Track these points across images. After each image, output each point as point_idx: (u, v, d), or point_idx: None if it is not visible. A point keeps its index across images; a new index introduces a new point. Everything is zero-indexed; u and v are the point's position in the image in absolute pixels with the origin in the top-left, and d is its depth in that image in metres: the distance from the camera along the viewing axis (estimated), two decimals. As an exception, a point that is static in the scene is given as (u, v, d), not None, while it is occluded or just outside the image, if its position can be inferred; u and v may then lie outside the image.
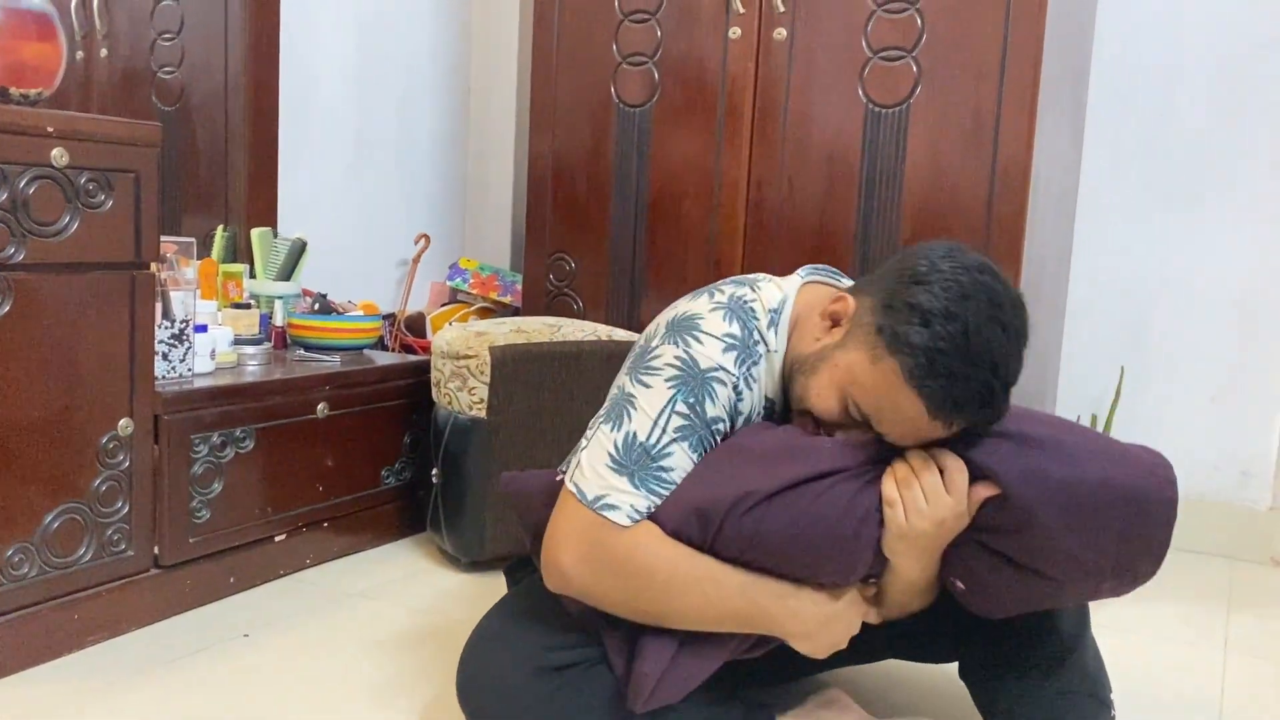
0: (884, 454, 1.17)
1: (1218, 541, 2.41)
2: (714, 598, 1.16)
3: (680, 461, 1.18)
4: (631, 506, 1.16)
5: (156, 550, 1.69)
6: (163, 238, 1.74)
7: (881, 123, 2.07)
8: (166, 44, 2.50)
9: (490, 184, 2.99)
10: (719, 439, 1.21)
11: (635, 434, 1.18)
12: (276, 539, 1.91)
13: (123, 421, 1.60)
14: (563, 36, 2.39)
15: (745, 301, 1.24)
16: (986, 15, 1.97)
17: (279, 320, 2.20)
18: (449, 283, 2.76)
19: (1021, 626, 1.26)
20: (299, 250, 2.28)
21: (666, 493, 1.17)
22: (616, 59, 2.32)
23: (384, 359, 2.21)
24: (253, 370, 1.94)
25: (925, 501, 1.12)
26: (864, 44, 2.07)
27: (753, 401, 1.24)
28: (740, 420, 1.24)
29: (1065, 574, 1.13)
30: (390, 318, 2.55)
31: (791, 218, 2.16)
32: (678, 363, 1.19)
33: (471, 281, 2.74)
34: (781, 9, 2.12)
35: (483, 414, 1.94)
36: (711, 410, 1.19)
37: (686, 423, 1.18)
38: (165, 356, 1.75)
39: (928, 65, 2.02)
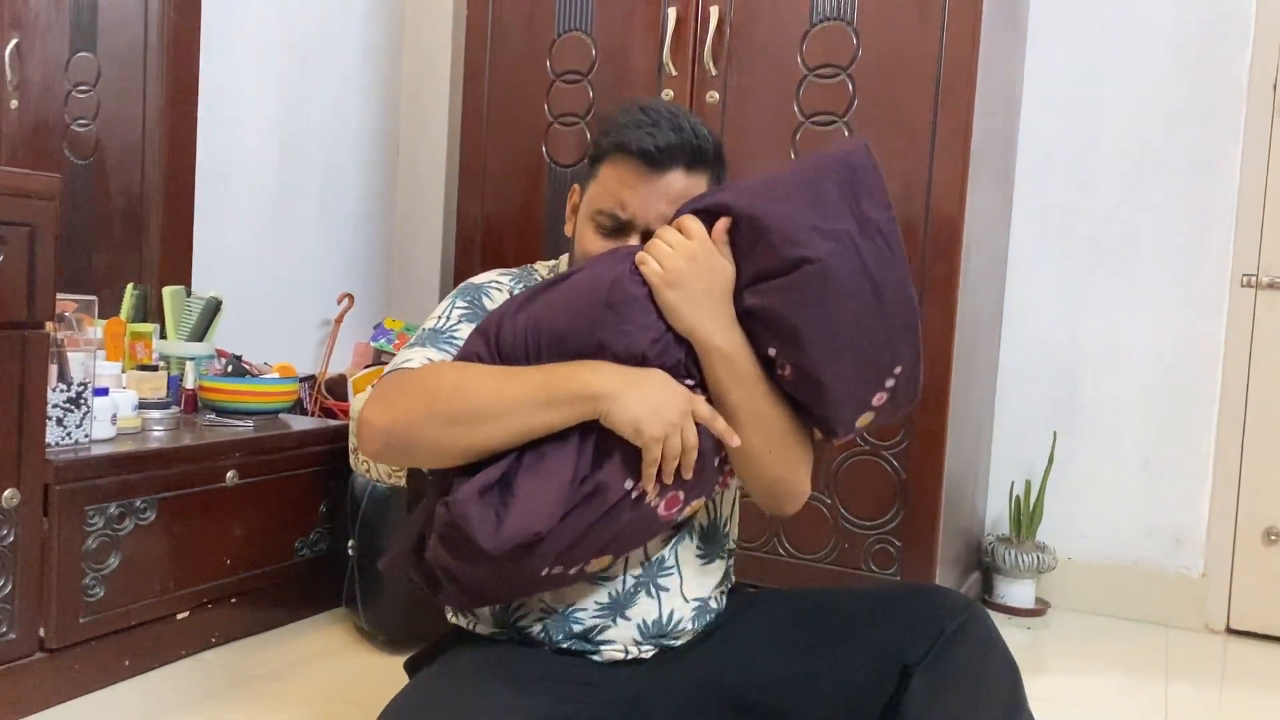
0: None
1: (1152, 609, 2.40)
2: (509, 382, 1.16)
3: (466, 331, 1.27)
4: (425, 359, 1.24)
5: (43, 632, 1.56)
6: (61, 296, 1.64)
7: (814, 186, 2.05)
8: (81, 96, 2.41)
9: (418, 242, 2.92)
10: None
11: (425, 327, 1.29)
12: (178, 617, 1.79)
13: (8, 492, 1.48)
14: (493, 95, 2.35)
15: (530, 265, 1.40)
16: (917, 82, 1.98)
17: (190, 383, 2.09)
18: (373, 343, 2.67)
19: (956, 695, 1.21)
20: (213, 309, 2.18)
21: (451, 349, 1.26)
22: (548, 119, 2.29)
23: (300, 424, 2.11)
24: (158, 436, 1.84)
25: (670, 246, 1.17)
26: (796, 108, 2.07)
27: None
28: None
29: (820, 250, 1.12)
30: (310, 380, 2.45)
31: (724, 280, 2.13)
32: (456, 290, 1.34)
33: (396, 342, 2.65)
34: (714, 73, 2.11)
35: (402, 482, 1.85)
36: (490, 305, 1.30)
37: (468, 309, 1.30)
38: (59, 422, 1.64)
39: (859, 129, 2.02)
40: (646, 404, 1.14)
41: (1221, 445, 2.36)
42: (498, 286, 1.34)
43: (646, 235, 1.21)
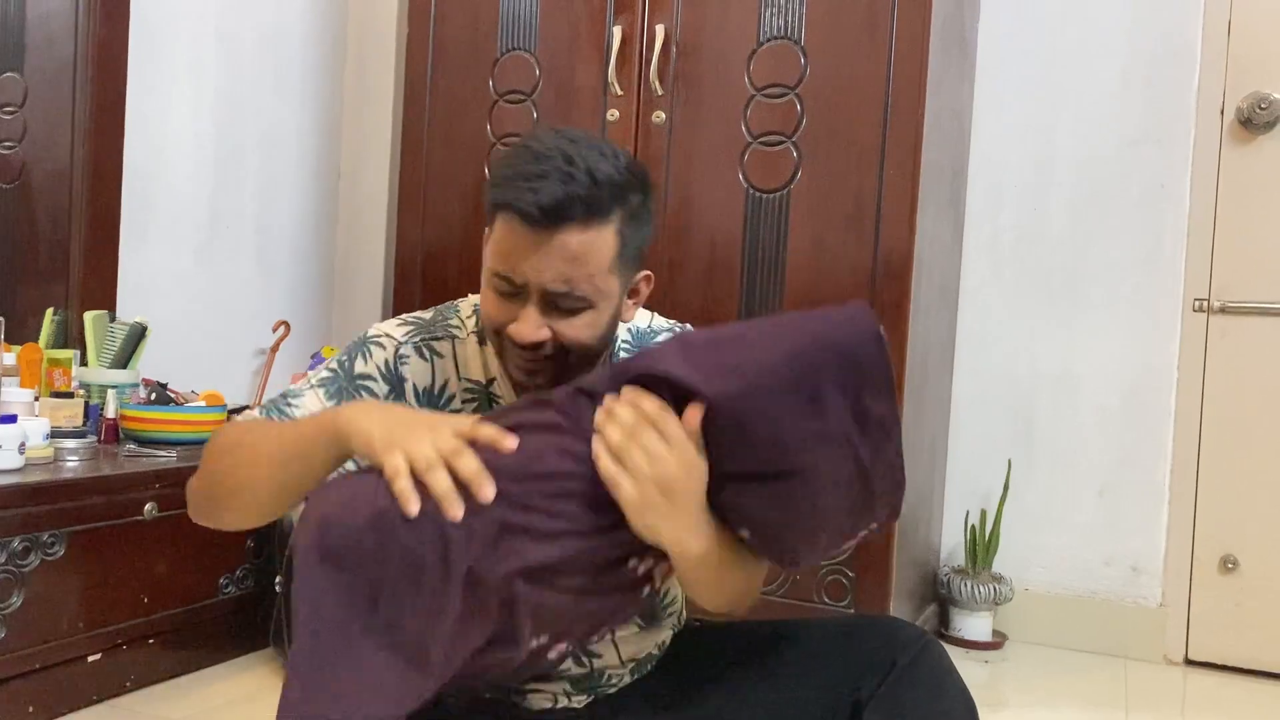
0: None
1: (1110, 640, 2.35)
2: (287, 428, 1.10)
3: (310, 403, 1.17)
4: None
5: None
6: (-34, 316, 1.55)
7: (762, 207, 2.01)
8: (7, 117, 2.33)
9: (360, 269, 2.84)
10: (373, 395, 1.19)
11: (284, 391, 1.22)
12: (89, 659, 1.67)
13: (-103, 525, 1.38)
14: (434, 116, 2.29)
15: (454, 303, 1.30)
16: (866, 102, 1.95)
17: (110, 411, 1.98)
18: (310, 373, 2.58)
19: None
20: (138, 335, 2.08)
21: (286, 409, 1.18)
22: (490, 140, 2.23)
23: (229, 454, 2.01)
24: (71, 466, 1.73)
25: (648, 464, 0.99)
26: (744, 128, 2.03)
27: (434, 373, 1.22)
28: (413, 390, 1.21)
29: (814, 458, 0.99)
30: (242, 410, 2.35)
31: (673, 302, 2.07)
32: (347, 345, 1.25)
33: (336, 372, 2.56)
34: (660, 92, 2.07)
35: (333, 514, 1.76)
36: (361, 367, 1.20)
37: (330, 375, 1.20)
38: (-40, 450, 1.54)
39: (808, 150, 1.99)
40: (391, 416, 1.05)
41: (1177, 472, 2.33)
42: (381, 345, 1.22)
43: (544, 296, 1.09)
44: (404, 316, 1.26)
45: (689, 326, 1.31)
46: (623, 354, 1.26)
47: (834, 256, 1.97)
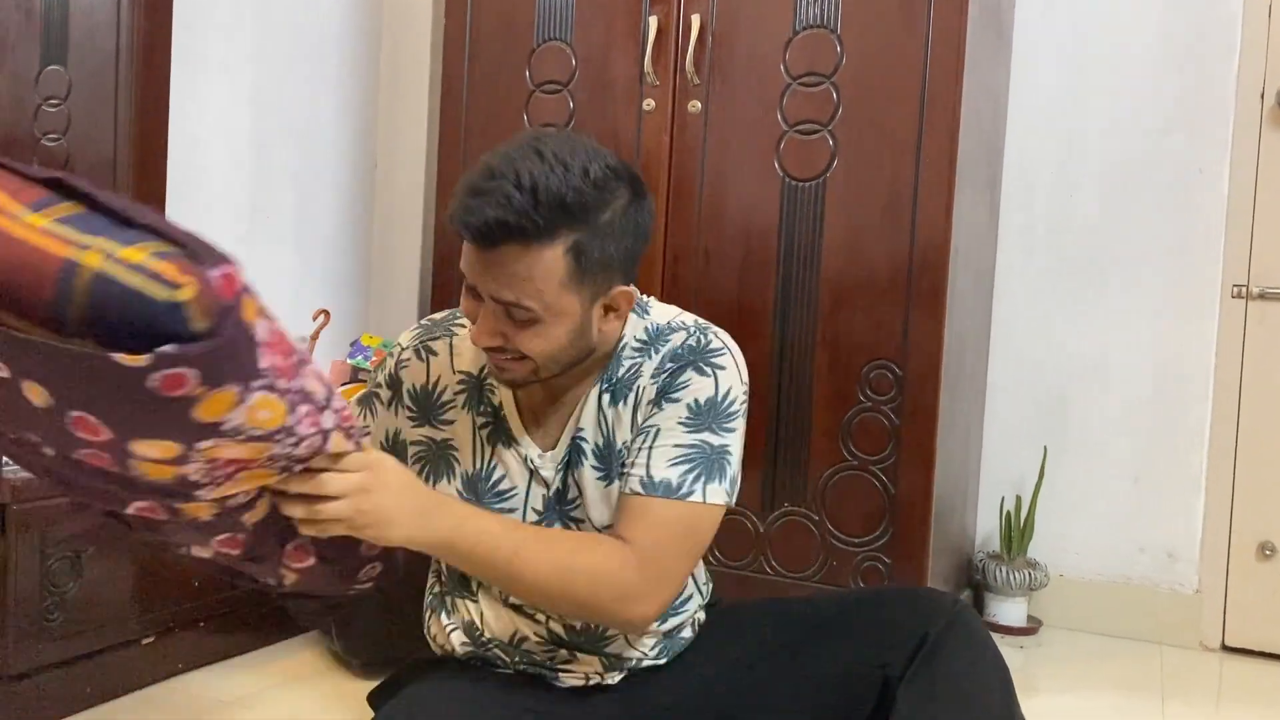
0: None
1: (1145, 626, 2.36)
2: None
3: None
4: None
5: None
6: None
7: (798, 196, 2.02)
8: (51, 110, 2.36)
9: (396, 259, 2.87)
10: (384, 404, 1.34)
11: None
12: (143, 642, 1.72)
13: (-38, 512, 1.42)
14: (471, 107, 2.31)
15: None
16: (902, 91, 1.95)
17: (158, 400, 2.03)
18: (350, 360, 2.61)
19: (944, 708, 1.17)
20: (184, 325, 2.12)
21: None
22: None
23: (274, 442, 2.05)
24: (123, 454, 1.77)
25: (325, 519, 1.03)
26: (779, 117, 2.03)
27: (428, 372, 1.32)
28: (409, 390, 1.32)
29: None
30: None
31: (709, 291, 2.09)
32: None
33: (374, 359, 2.60)
34: (696, 81, 2.08)
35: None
36: (379, 378, 1.36)
37: (367, 391, 1.37)
38: (18, 439, 1.58)
39: (844, 139, 1.99)
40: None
41: (1214, 459, 2.32)
42: (391, 354, 1.36)
43: (497, 305, 1.12)
44: (424, 320, 1.38)
45: (718, 330, 1.28)
46: (633, 355, 1.26)
47: (870, 245, 1.97)
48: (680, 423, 1.20)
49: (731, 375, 1.23)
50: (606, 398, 1.24)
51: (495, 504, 1.28)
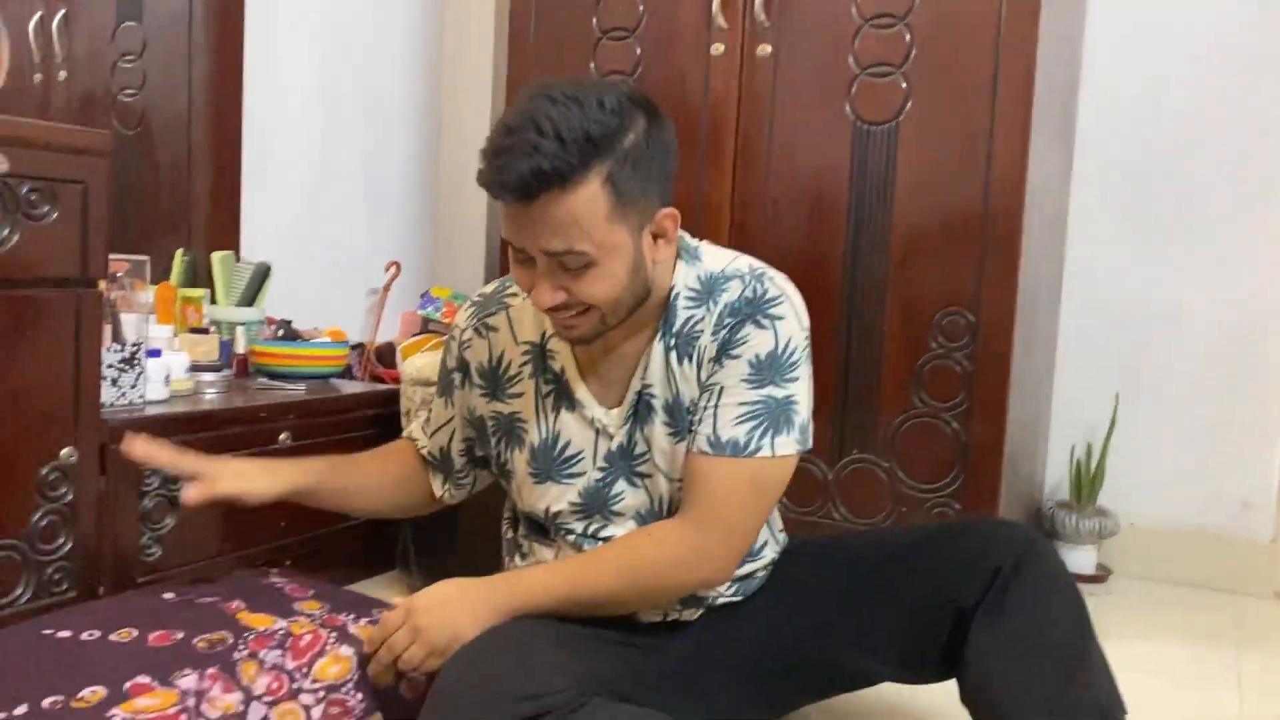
0: None
1: (1218, 575, 2.33)
2: None
3: (435, 406, 1.45)
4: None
5: (101, 591, 1.56)
6: (113, 255, 1.64)
7: (870, 141, 2.00)
8: (128, 66, 2.41)
9: (463, 210, 2.90)
10: (459, 386, 1.40)
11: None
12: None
13: (65, 450, 1.48)
14: (538, 56, 2.31)
15: None
16: (977, 31, 1.91)
17: (240, 347, 2.08)
18: (420, 312, 2.65)
19: (1018, 640, 1.18)
20: (262, 275, 2.17)
21: (428, 429, 1.46)
22: (594, 78, 2.25)
23: (351, 387, 2.10)
24: (210, 398, 1.83)
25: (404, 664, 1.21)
26: (851, 60, 2.01)
27: (490, 349, 1.36)
28: (477, 369, 1.38)
29: None
30: (359, 348, 2.44)
31: (777, 240, 2.08)
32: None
33: (444, 310, 2.64)
34: (766, 25, 2.06)
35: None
36: (449, 363, 1.41)
37: (441, 373, 1.44)
38: (114, 382, 1.64)
39: (917, 82, 1.96)
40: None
41: (1293, 407, 2.28)
42: (452, 337, 1.42)
43: (549, 260, 1.13)
44: (473, 297, 1.42)
45: (774, 273, 1.27)
46: (688, 304, 1.26)
47: (944, 190, 1.95)
48: (743, 380, 1.21)
49: (790, 324, 1.23)
50: (673, 355, 1.25)
51: (564, 471, 1.30)
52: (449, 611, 1.19)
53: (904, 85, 1.97)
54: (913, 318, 1.99)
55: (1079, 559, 2.32)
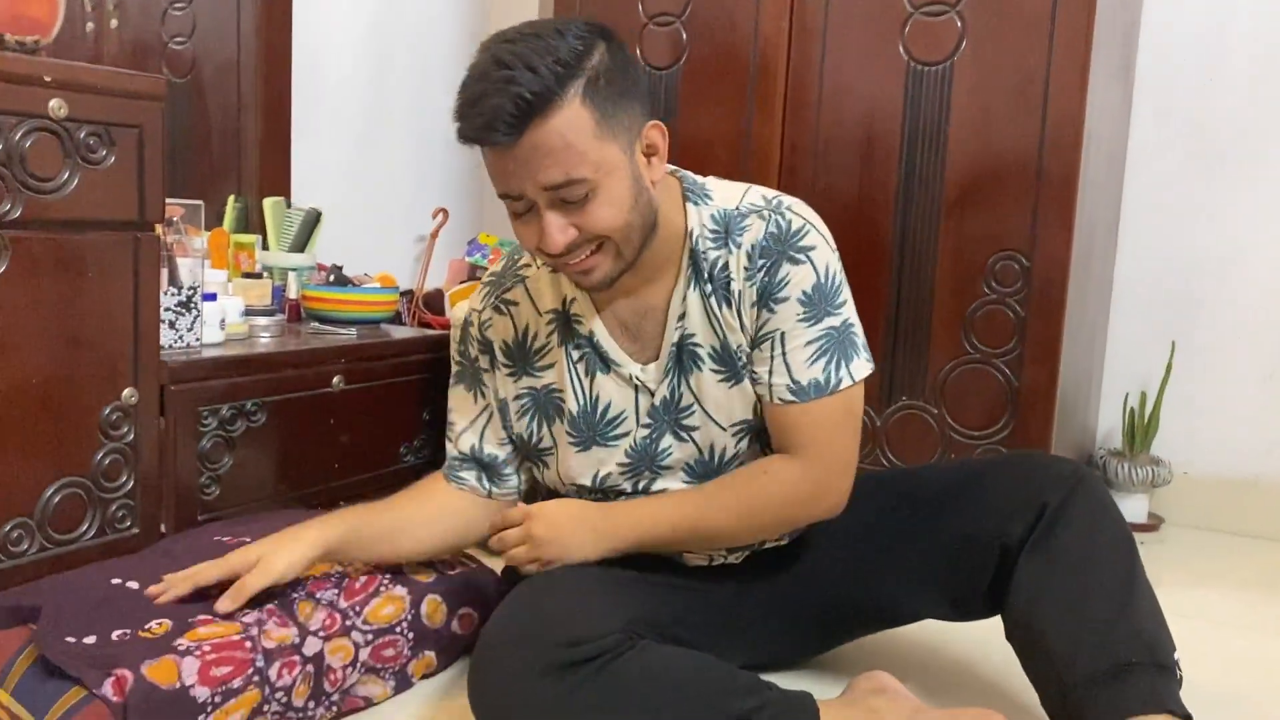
0: None
1: (1274, 525, 2.30)
2: None
3: (457, 402, 1.42)
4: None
5: (163, 528, 1.60)
6: (168, 200, 1.65)
7: (924, 81, 1.97)
8: (178, 14, 2.41)
9: (510, 157, 2.89)
10: (488, 370, 1.38)
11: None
12: (289, 518, 1.82)
13: (127, 391, 1.51)
14: (585, 2, 2.29)
15: None
16: (1036, -34, 1.86)
17: (292, 292, 2.11)
18: (467, 259, 2.66)
19: (1064, 577, 1.17)
20: (313, 221, 2.19)
21: (455, 435, 1.43)
22: (642, 19, 2.22)
23: (402, 333, 2.12)
24: (265, 341, 1.86)
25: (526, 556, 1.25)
26: (905, -1, 1.97)
27: (514, 325, 1.35)
28: (502, 348, 1.36)
29: None
30: (408, 294, 2.46)
31: (828, 183, 2.06)
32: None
33: (491, 257, 2.64)
34: (817, -37, 2.02)
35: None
36: (471, 351, 1.39)
37: (457, 368, 1.42)
38: (172, 325, 1.66)
39: (973, 20, 1.92)
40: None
41: (1356, 355, 2.23)
42: (470, 321, 1.39)
43: (550, 199, 1.12)
44: (485, 279, 1.40)
45: (789, 201, 1.24)
46: (710, 246, 1.23)
47: (999, 132, 1.91)
48: (799, 320, 1.21)
49: (824, 252, 1.22)
50: (712, 300, 1.23)
51: (609, 433, 1.30)
52: (564, 530, 1.22)
53: (959, 24, 1.93)
54: (965, 262, 1.96)
55: (1130, 507, 2.30)
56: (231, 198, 2.25)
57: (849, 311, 1.24)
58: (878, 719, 1.23)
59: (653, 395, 1.27)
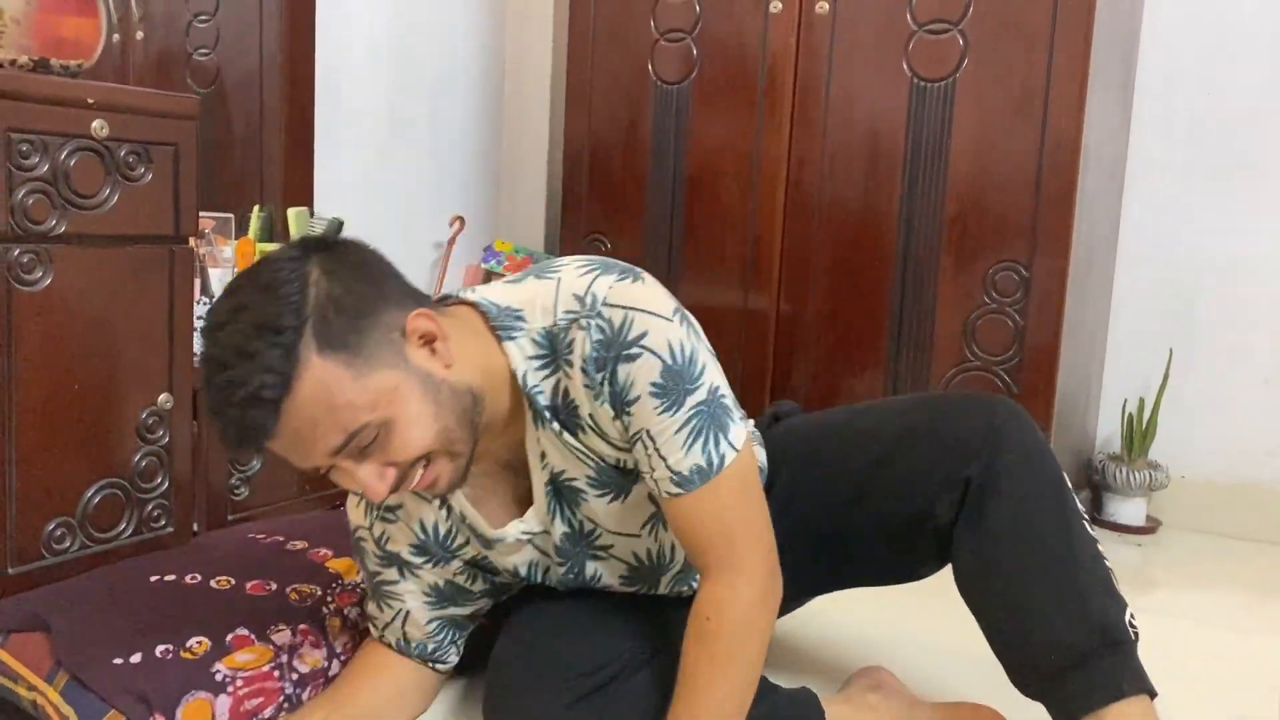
0: None
1: (1271, 528, 2.35)
2: None
3: (371, 609, 1.31)
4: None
5: (196, 527, 1.68)
6: (200, 214, 1.73)
7: (927, 97, 2.03)
8: (202, 25, 2.49)
9: (525, 164, 2.97)
10: (396, 581, 1.26)
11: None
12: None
13: (162, 396, 1.59)
14: (600, 12, 2.36)
15: None
16: (1035, -15, 1.92)
17: (315, 300, 2.18)
18: (483, 265, 2.74)
19: (1003, 550, 1.13)
20: (336, 230, 2.26)
21: (375, 626, 1.31)
22: (654, 35, 2.29)
23: (420, 339, 2.19)
24: (290, 348, 1.93)
25: None
26: (908, 17, 2.03)
27: (409, 520, 1.22)
28: (411, 543, 1.23)
29: None
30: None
31: (833, 196, 2.12)
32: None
33: (506, 264, 2.72)
34: (824, -18, 2.08)
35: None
36: (373, 567, 1.27)
37: (371, 592, 1.30)
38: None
39: (975, 37, 1.98)
40: None
41: (1350, 362, 2.28)
42: (362, 539, 1.26)
43: (347, 456, 1.01)
44: (350, 495, 1.26)
45: (603, 293, 1.06)
46: (540, 380, 1.10)
47: (1000, 146, 1.97)
48: (661, 412, 1.06)
49: (659, 332, 1.05)
50: (564, 435, 1.11)
51: (545, 582, 1.27)
52: None
53: (961, 41, 1.99)
54: (966, 271, 2.02)
55: (1128, 511, 2.36)
56: (256, 208, 2.33)
57: (711, 376, 1.08)
58: (875, 715, 1.29)
59: (553, 535, 1.20)
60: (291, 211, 2.29)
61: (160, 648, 1.23)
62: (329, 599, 1.39)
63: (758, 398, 2.18)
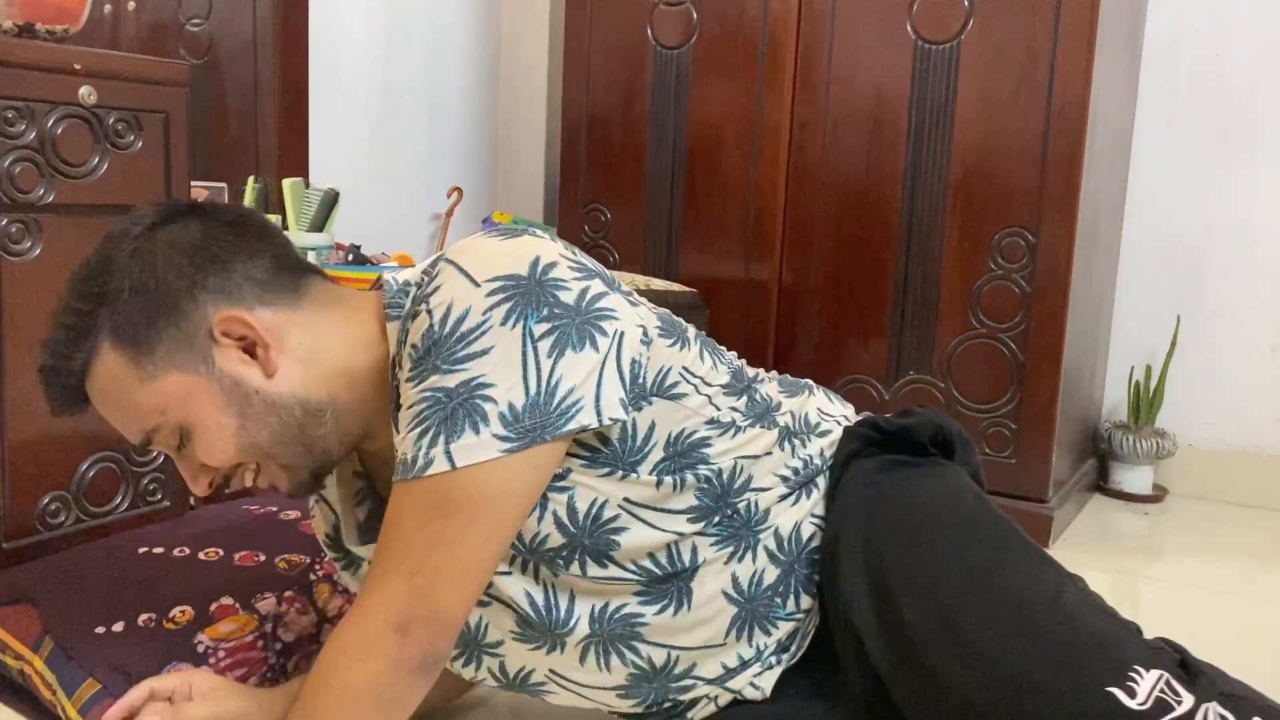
0: None
1: (1278, 495, 2.34)
2: None
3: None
4: None
5: (192, 501, 1.66)
6: (193, 183, 1.70)
7: (931, 60, 1.99)
8: (194, -5, 2.45)
9: (522, 134, 2.93)
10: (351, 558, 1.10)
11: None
12: (313, 491, 1.87)
13: (156, 369, 1.57)
14: (597, -22, 2.32)
15: None
16: (1042, -55, 1.88)
17: (312, 272, 2.15)
18: (482, 236, 2.71)
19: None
20: (332, 200, 2.23)
21: None
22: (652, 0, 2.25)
23: (419, 311, 2.16)
24: (286, 320, 1.90)
25: None
26: (913, -22, 1.99)
27: (328, 520, 1.08)
28: (326, 545, 1.11)
29: None
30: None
31: (836, 162, 2.09)
32: None
33: (505, 235, 2.68)
34: (826, -57, 2.04)
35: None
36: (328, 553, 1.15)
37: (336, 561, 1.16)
38: (198, 304, 1.71)
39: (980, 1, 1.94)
40: None
41: (1359, 328, 2.25)
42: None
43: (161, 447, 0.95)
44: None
45: (458, 245, 0.91)
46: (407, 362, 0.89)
47: (1005, 109, 1.94)
48: (408, 380, 0.87)
49: (451, 288, 0.85)
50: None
51: None
52: None
53: (966, 3, 1.95)
54: (971, 238, 2.00)
55: (1135, 479, 2.34)
56: (251, 178, 2.30)
57: (483, 368, 0.83)
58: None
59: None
60: (287, 182, 2.26)
61: (143, 616, 1.21)
62: (317, 566, 1.37)
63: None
